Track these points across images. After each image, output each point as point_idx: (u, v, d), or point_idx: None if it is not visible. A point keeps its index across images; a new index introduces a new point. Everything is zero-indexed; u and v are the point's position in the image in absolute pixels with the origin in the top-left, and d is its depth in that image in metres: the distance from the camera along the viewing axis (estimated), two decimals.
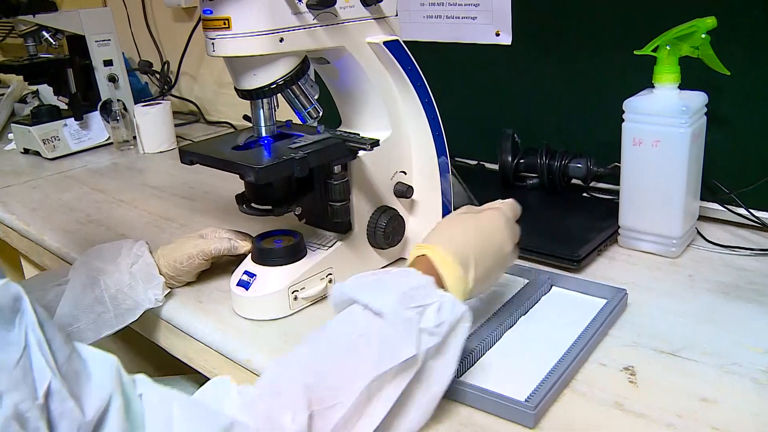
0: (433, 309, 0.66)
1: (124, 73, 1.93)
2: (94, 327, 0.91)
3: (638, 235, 1.04)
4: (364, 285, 0.69)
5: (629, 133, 1.00)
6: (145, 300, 0.94)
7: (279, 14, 0.81)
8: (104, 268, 0.94)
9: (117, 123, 1.83)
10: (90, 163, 1.76)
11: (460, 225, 0.79)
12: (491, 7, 1.32)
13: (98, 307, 0.92)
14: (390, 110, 0.96)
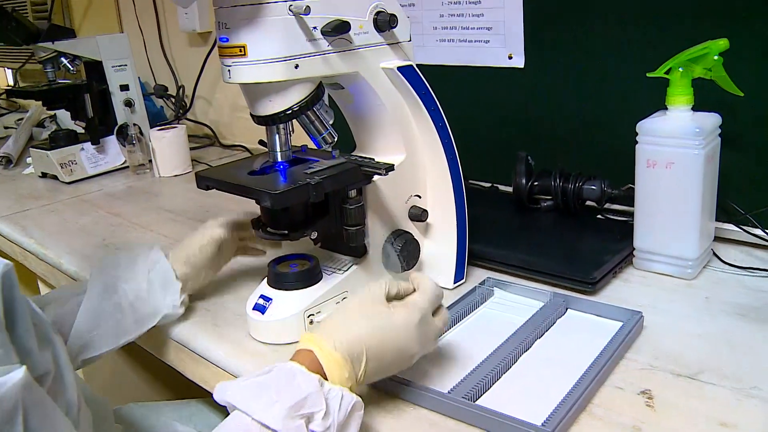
0: (321, 414, 0.64)
1: (140, 97, 1.96)
2: (113, 333, 0.92)
3: (653, 257, 1.04)
4: (249, 392, 0.66)
5: (643, 155, 1.00)
6: (163, 306, 0.95)
7: (294, 41, 0.82)
8: (121, 275, 0.95)
9: (133, 147, 1.85)
10: (106, 187, 1.78)
11: (363, 319, 0.73)
12: (504, 31, 1.33)
13: (117, 314, 0.92)
14: (404, 134, 0.97)
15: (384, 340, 0.72)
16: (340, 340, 0.70)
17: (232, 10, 0.80)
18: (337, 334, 0.70)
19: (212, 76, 2.10)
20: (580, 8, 1.23)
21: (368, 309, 0.74)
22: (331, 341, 0.69)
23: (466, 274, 1.05)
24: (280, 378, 0.66)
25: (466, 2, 1.37)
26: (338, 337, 0.70)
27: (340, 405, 0.66)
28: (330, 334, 0.71)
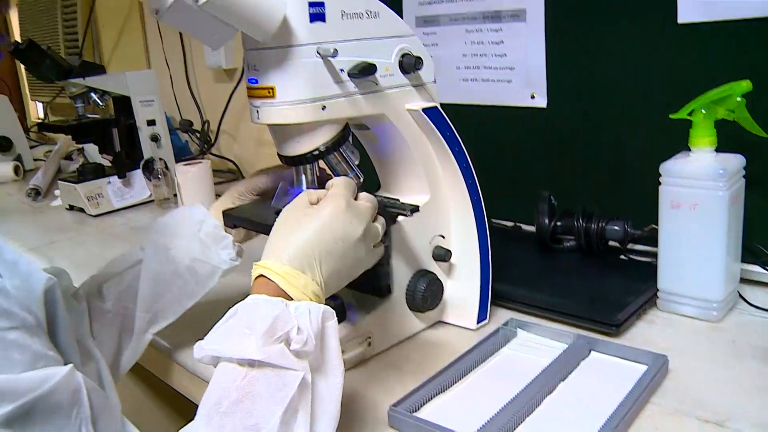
0: (295, 330, 0.65)
1: (166, 132, 1.99)
2: (178, 300, 0.94)
3: (678, 299, 1.03)
4: (222, 336, 0.66)
5: (666, 196, 1.00)
6: (220, 262, 0.95)
7: (321, 83, 0.83)
8: (171, 241, 0.95)
9: (158, 181, 1.87)
10: (132, 221, 1.80)
11: (295, 227, 0.74)
12: (526, 70, 1.34)
13: (178, 281, 0.94)
14: (429, 175, 0.97)
15: (323, 235, 0.73)
16: (284, 253, 0.71)
17: (261, 52, 0.82)
18: (279, 251, 0.71)
19: (237, 112, 2.13)
20: (603, 49, 1.24)
21: (295, 216, 0.75)
22: (277, 258, 0.70)
23: (489, 314, 1.04)
24: (246, 313, 0.67)
25: (488, 42, 1.39)
26: (281, 253, 0.71)
27: (309, 318, 0.67)
28: (273, 253, 0.72)
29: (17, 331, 0.52)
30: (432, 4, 1.46)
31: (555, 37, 1.31)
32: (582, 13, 1.26)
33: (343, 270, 0.75)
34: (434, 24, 1.47)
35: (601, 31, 1.24)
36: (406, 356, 0.96)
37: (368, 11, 0.87)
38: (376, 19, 0.88)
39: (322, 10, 0.82)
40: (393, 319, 0.97)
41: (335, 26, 0.83)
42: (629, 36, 1.20)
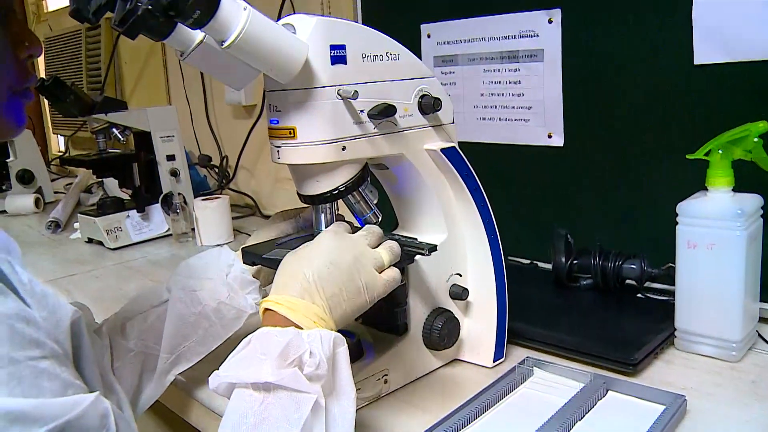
0: (307, 354, 0.68)
1: (185, 167, 2.01)
2: (203, 342, 0.95)
3: (696, 338, 1.03)
4: (237, 365, 0.68)
5: (683, 236, 1.01)
6: (246, 306, 0.97)
7: (342, 124, 0.85)
8: (199, 283, 0.97)
9: (177, 216, 1.89)
10: (150, 254, 1.82)
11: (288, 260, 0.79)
12: (543, 110, 1.36)
13: (204, 322, 0.95)
14: (446, 214, 0.98)
15: (312, 261, 0.76)
16: (283, 285, 0.75)
17: (283, 93, 0.84)
18: (278, 285, 0.76)
19: (255, 148, 2.15)
20: (620, 89, 1.26)
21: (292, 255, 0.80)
22: (277, 291, 0.75)
23: (505, 352, 1.04)
24: (259, 342, 0.69)
25: (506, 82, 1.40)
26: (281, 286, 0.75)
27: (321, 343, 0.69)
28: (275, 288, 0.76)
29: (47, 360, 0.54)
30: (450, 44, 1.49)
31: (572, 77, 1.32)
32: (599, 53, 1.27)
33: (343, 293, 0.76)
34: (452, 63, 1.49)
35: (618, 71, 1.26)
36: (423, 394, 0.97)
37: (388, 53, 0.89)
38: (396, 61, 0.90)
39: (343, 52, 0.83)
40: (409, 356, 0.98)
41: (356, 68, 0.85)
42: (646, 76, 1.21)
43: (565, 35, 1.32)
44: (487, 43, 1.42)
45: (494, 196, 1.00)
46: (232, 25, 0.72)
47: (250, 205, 2.23)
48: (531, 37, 1.35)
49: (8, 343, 0.52)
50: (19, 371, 0.51)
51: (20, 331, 0.53)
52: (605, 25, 1.26)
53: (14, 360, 0.51)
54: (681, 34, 1.15)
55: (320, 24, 0.82)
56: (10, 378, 0.50)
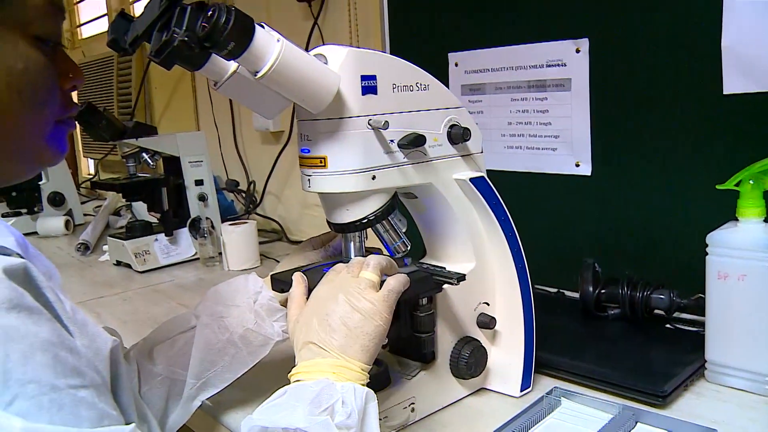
0: (339, 404, 0.68)
1: (213, 192, 2.04)
2: (230, 368, 0.96)
3: (727, 371, 1.01)
4: (270, 410, 0.69)
5: (714, 266, 1.00)
6: (273, 334, 0.97)
7: (372, 154, 0.86)
8: (226, 310, 0.97)
9: (204, 240, 1.91)
10: (177, 278, 1.83)
11: (325, 306, 0.78)
12: (571, 139, 1.36)
13: (231, 349, 0.96)
14: (474, 243, 0.99)
15: (310, 320, 0.77)
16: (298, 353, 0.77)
17: (314, 123, 0.85)
18: (298, 355, 0.77)
19: (283, 173, 2.17)
20: (649, 118, 1.26)
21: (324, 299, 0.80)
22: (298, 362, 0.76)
23: (533, 382, 1.04)
24: (293, 392, 0.71)
25: (534, 111, 1.41)
26: (297, 354, 0.77)
27: (354, 394, 0.70)
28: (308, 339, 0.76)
29: (87, 390, 0.55)
30: (478, 72, 1.50)
31: (600, 106, 1.33)
32: (627, 82, 1.28)
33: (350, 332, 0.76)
34: (480, 92, 1.50)
35: (646, 99, 1.26)
36: (449, 423, 0.96)
37: (418, 83, 0.90)
38: (426, 91, 0.91)
39: (374, 83, 0.84)
40: (436, 385, 0.97)
41: (386, 98, 0.86)
42: (675, 105, 1.22)
43: (592, 64, 1.32)
44: (514, 72, 1.43)
45: (521, 224, 1.00)
46: (265, 56, 0.73)
47: (276, 230, 2.24)
48: (559, 66, 1.36)
49: (51, 371, 0.53)
50: (61, 399, 0.52)
51: (63, 360, 0.54)
52: (633, 55, 1.26)
53: (56, 387, 0.52)
54: (710, 63, 1.15)
55: (352, 55, 0.83)
56: (51, 405, 0.51)
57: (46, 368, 0.52)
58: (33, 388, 0.51)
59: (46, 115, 0.68)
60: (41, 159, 0.71)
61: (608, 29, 1.30)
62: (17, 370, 0.50)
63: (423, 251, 1.06)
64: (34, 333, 0.53)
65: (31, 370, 0.51)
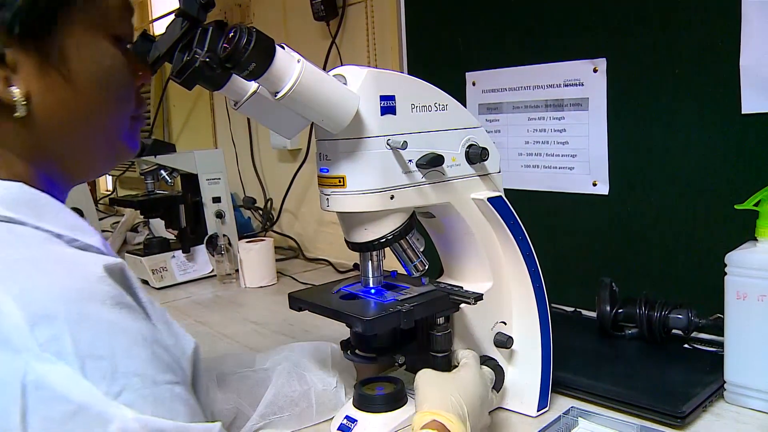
0: None
1: (230, 209, 2.05)
2: (297, 419, 1.00)
3: (747, 392, 1.01)
4: None
5: (732, 287, 0.99)
6: (342, 404, 1.00)
7: (391, 173, 0.86)
8: (311, 366, 1.02)
9: (221, 257, 1.92)
10: (194, 295, 1.84)
11: (447, 385, 0.85)
12: (588, 158, 1.36)
13: (303, 402, 0.99)
14: (492, 262, 0.99)
15: (469, 394, 0.84)
16: (449, 405, 0.81)
17: (333, 143, 0.86)
18: (442, 403, 0.81)
19: (300, 191, 2.18)
20: (666, 137, 1.26)
21: (442, 378, 0.87)
22: (442, 408, 0.80)
23: (549, 401, 1.03)
24: None
25: (551, 130, 1.41)
26: (445, 405, 0.80)
27: None
28: (438, 403, 0.81)
29: (180, 386, 0.56)
30: (495, 92, 1.50)
31: (617, 126, 1.33)
32: (645, 102, 1.28)
33: (479, 419, 0.86)
34: (497, 111, 1.51)
35: (664, 119, 1.26)
36: None
37: (436, 104, 0.91)
38: (444, 111, 0.91)
39: (392, 103, 0.85)
40: None
41: (405, 119, 0.87)
42: (692, 125, 1.22)
43: (610, 84, 1.33)
44: (532, 91, 1.43)
45: (537, 243, 1.00)
46: (285, 77, 0.74)
47: (293, 247, 2.25)
48: (576, 86, 1.36)
49: (151, 366, 0.54)
50: (161, 393, 0.54)
51: (159, 356, 0.56)
52: (650, 74, 1.27)
53: (156, 381, 0.54)
54: (728, 82, 1.15)
55: (371, 75, 0.84)
56: (153, 398, 0.53)
57: (147, 363, 0.54)
58: (137, 381, 0.52)
59: (125, 111, 0.71)
60: (117, 155, 0.73)
61: (626, 49, 1.30)
62: (123, 363, 0.52)
63: (440, 270, 1.06)
64: (136, 328, 0.55)
65: (135, 364, 0.53)
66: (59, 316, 0.50)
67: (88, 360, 0.50)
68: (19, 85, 0.61)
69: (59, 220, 0.61)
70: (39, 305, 0.50)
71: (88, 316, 0.52)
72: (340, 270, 1.96)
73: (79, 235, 0.61)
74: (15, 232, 0.57)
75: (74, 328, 0.50)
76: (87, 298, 0.53)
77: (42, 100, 0.62)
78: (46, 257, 0.55)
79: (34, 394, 0.48)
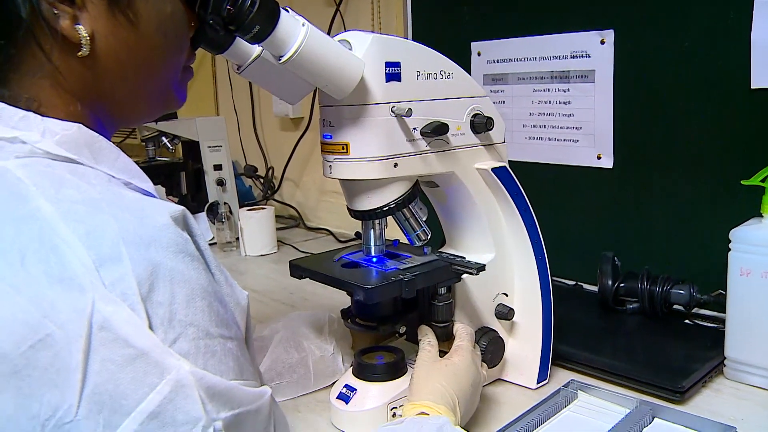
0: None
1: (231, 177, 2.04)
2: (294, 386, 1.00)
3: (747, 368, 1.00)
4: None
5: (737, 263, 0.98)
6: (340, 371, 1.02)
7: (395, 141, 0.85)
8: (310, 334, 1.04)
9: (222, 225, 1.91)
10: None
11: (439, 375, 0.84)
12: (593, 131, 1.35)
13: (301, 369, 1.00)
14: (495, 233, 0.98)
15: (461, 382, 0.84)
16: (439, 396, 0.81)
17: (337, 109, 0.85)
18: (431, 394, 0.81)
19: (301, 160, 2.17)
20: (673, 111, 1.25)
21: (435, 367, 0.86)
22: (431, 399, 0.80)
23: (549, 374, 1.03)
24: (413, 424, 0.74)
25: (556, 102, 1.40)
26: (435, 396, 0.80)
27: None
28: (428, 395, 0.81)
29: (233, 341, 0.57)
30: (500, 62, 1.49)
31: (623, 99, 1.32)
32: (652, 75, 1.26)
33: (470, 410, 0.87)
34: (502, 82, 1.49)
35: (671, 92, 1.24)
36: None
37: (442, 72, 0.89)
38: (449, 79, 0.90)
39: (398, 70, 0.84)
40: None
41: (410, 86, 0.85)
42: (700, 100, 1.20)
43: (617, 56, 1.31)
44: (537, 62, 1.42)
45: (540, 215, 0.99)
46: (290, 40, 0.73)
47: (294, 216, 2.24)
48: (582, 57, 1.35)
49: (208, 317, 0.54)
50: (213, 345, 0.54)
51: (216, 309, 0.56)
52: (658, 47, 1.25)
53: (210, 334, 0.54)
54: (738, 56, 1.14)
55: (376, 41, 0.82)
56: (206, 350, 0.53)
57: (204, 314, 0.54)
58: (193, 331, 0.53)
59: (179, 60, 0.71)
60: (166, 103, 0.73)
61: (634, 20, 1.28)
62: (181, 311, 0.52)
63: (442, 240, 1.05)
64: (195, 278, 0.55)
65: (192, 314, 0.53)
66: (125, 258, 0.51)
67: (149, 305, 0.51)
68: (85, 24, 0.60)
69: (116, 163, 0.62)
70: (106, 247, 0.51)
71: (152, 261, 0.52)
72: (340, 240, 1.95)
73: (135, 179, 0.62)
74: (78, 172, 0.57)
75: (138, 271, 0.51)
76: (152, 244, 0.53)
77: (106, 41, 0.62)
78: (112, 200, 0.55)
79: (98, 335, 0.49)
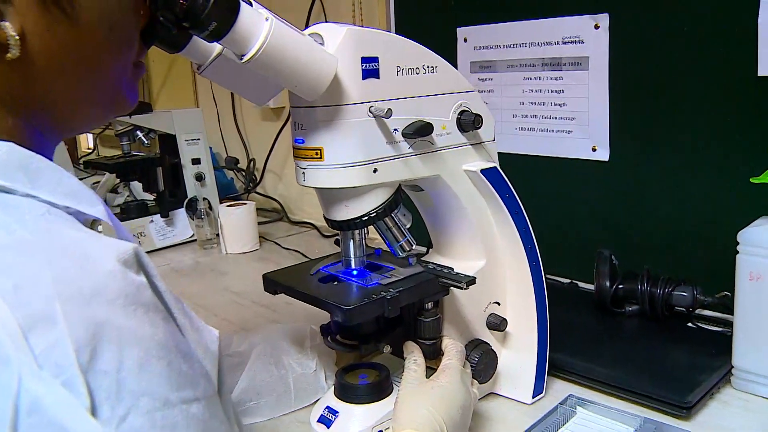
0: None
1: (211, 171, 1.97)
2: (274, 405, 0.95)
3: (756, 378, 0.95)
4: None
5: (745, 266, 0.92)
6: (323, 389, 0.96)
7: (373, 144, 0.78)
8: (290, 349, 0.98)
9: (201, 221, 1.84)
10: (173, 261, 1.77)
11: (424, 399, 0.79)
12: (588, 121, 1.29)
13: (280, 387, 0.95)
14: (485, 239, 0.92)
15: (449, 406, 0.79)
16: (425, 422, 0.75)
17: (309, 111, 0.77)
18: (414, 421, 0.76)
19: (283, 151, 2.11)
20: (674, 100, 1.19)
21: (421, 390, 0.81)
22: (415, 428, 0.75)
23: (545, 387, 0.97)
24: None
25: (548, 90, 1.34)
26: (419, 423, 0.75)
27: None
28: (410, 422, 0.76)
29: (198, 404, 0.49)
30: (489, 49, 1.42)
31: (619, 87, 1.26)
32: (650, 62, 1.21)
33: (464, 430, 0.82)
34: (490, 70, 1.43)
35: (671, 80, 1.19)
36: None
37: (425, 66, 0.82)
38: (433, 74, 0.83)
39: (375, 65, 0.76)
40: None
41: (389, 83, 0.78)
42: (703, 87, 1.15)
43: (612, 42, 1.25)
44: (528, 48, 1.36)
45: (532, 210, 0.93)
46: (252, 37, 0.65)
47: (277, 209, 2.18)
48: (576, 43, 1.29)
49: (166, 382, 0.47)
50: (173, 416, 0.46)
51: (176, 368, 0.48)
52: (658, 33, 1.19)
53: (169, 402, 0.46)
54: (744, 41, 1.08)
55: (351, 34, 0.75)
56: (164, 422, 0.46)
57: (161, 378, 0.46)
58: (146, 401, 0.45)
59: (128, 56, 0.62)
60: (117, 106, 0.64)
61: (630, 3, 1.22)
62: (131, 380, 0.44)
63: (428, 244, 0.99)
64: (150, 335, 0.46)
65: (146, 380, 0.45)
66: (59, 319, 0.42)
67: (91, 376, 0.42)
68: (12, 21, 0.50)
69: (57, 186, 0.52)
70: (37, 305, 0.42)
71: (94, 320, 0.43)
72: (325, 234, 1.89)
73: (81, 204, 0.52)
74: (9, 205, 0.48)
75: (77, 334, 0.42)
76: (94, 297, 0.44)
77: (39, 39, 0.52)
78: (47, 242, 0.46)
79: (27, 421, 0.41)
